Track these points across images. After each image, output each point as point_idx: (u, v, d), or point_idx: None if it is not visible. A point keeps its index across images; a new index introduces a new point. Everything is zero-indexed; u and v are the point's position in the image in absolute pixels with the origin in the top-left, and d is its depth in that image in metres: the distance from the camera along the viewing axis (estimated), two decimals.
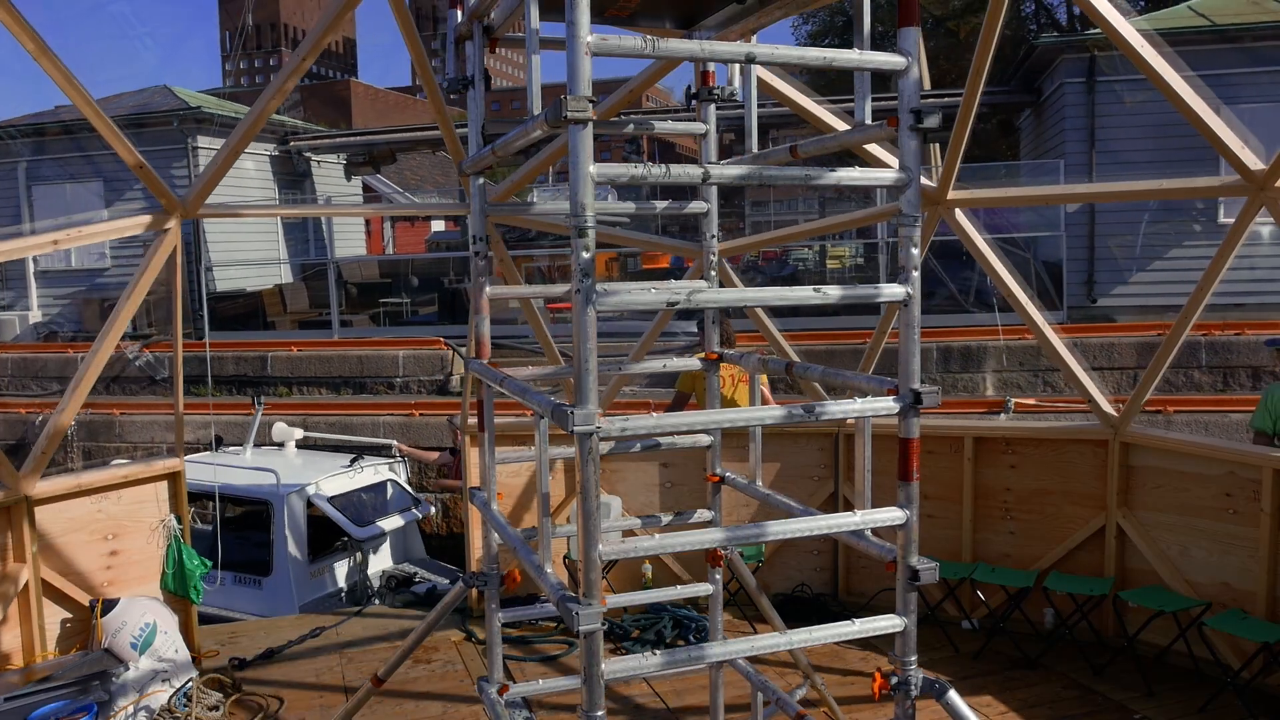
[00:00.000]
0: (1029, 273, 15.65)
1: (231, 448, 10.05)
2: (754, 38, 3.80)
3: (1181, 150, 14.92)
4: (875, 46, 3.02)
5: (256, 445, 9.91)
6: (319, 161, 23.37)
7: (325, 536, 8.80)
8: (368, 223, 28.04)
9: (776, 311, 7.49)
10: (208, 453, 9.73)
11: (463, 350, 15.58)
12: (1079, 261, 16.30)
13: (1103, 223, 16.17)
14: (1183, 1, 17.63)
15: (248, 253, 20.76)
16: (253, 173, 21.23)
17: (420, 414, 13.70)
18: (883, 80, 3.14)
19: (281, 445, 9.88)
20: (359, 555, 8.65)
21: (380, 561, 8.98)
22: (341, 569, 8.65)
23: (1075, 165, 16.17)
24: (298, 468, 9.16)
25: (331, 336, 17.41)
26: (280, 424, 10.15)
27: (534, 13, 3.04)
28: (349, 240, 24.63)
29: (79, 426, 14.49)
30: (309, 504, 8.50)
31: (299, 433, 10.04)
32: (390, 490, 9.47)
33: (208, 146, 20.06)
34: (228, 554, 8.44)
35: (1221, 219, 15.77)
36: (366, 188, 25.83)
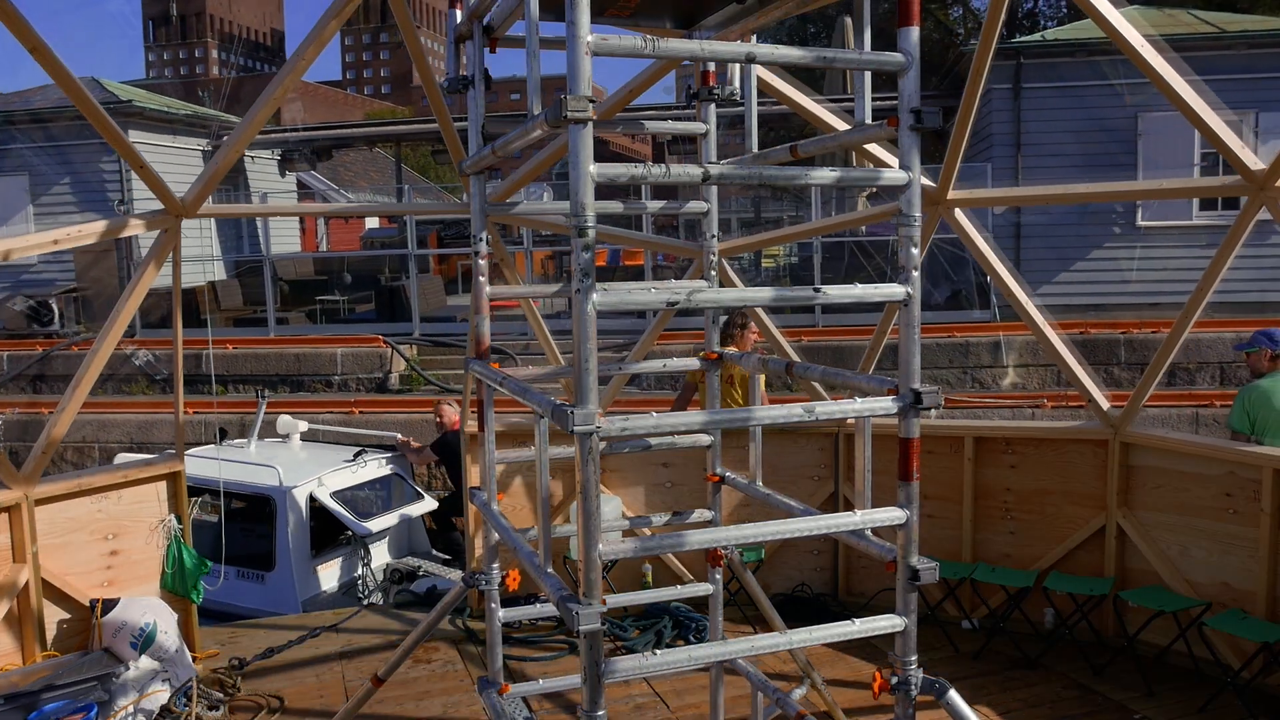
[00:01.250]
0: (967, 274, 16.49)
1: (237, 441, 10.03)
2: (753, 37, 3.81)
3: (1102, 154, 15.65)
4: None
5: (261, 439, 9.89)
6: (253, 157, 22.97)
7: (329, 531, 8.80)
8: (301, 219, 27.64)
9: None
10: (212, 446, 9.71)
11: (402, 349, 15.63)
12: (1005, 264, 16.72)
13: (1027, 224, 16.53)
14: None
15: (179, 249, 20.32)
16: (187, 170, 20.44)
17: (359, 412, 13.60)
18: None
19: (286, 438, 9.87)
20: (363, 550, 8.64)
21: (384, 555, 8.97)
22: (345, 564, 8.64)
23: (1002, 168, 16.60)
24: (302, 462, 9.14)
25: (267, 334, 17.17)
26: (285, 417, 10.12)
27: (534, 12, 3.05)
28: (283, 237, 24.10)
29: (6, 426, 14.22)
30: (312, 498, 8.48)
31: (304, 425, 10.02)
32: (394, 484, 9.47)
33: (140, 141, 19.32)
34: (231, 548, 8.44)
35: (1140, 222, 16.33)
36: (301, 184, 25.54)
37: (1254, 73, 15.68)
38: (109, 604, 5.68)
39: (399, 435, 10.25)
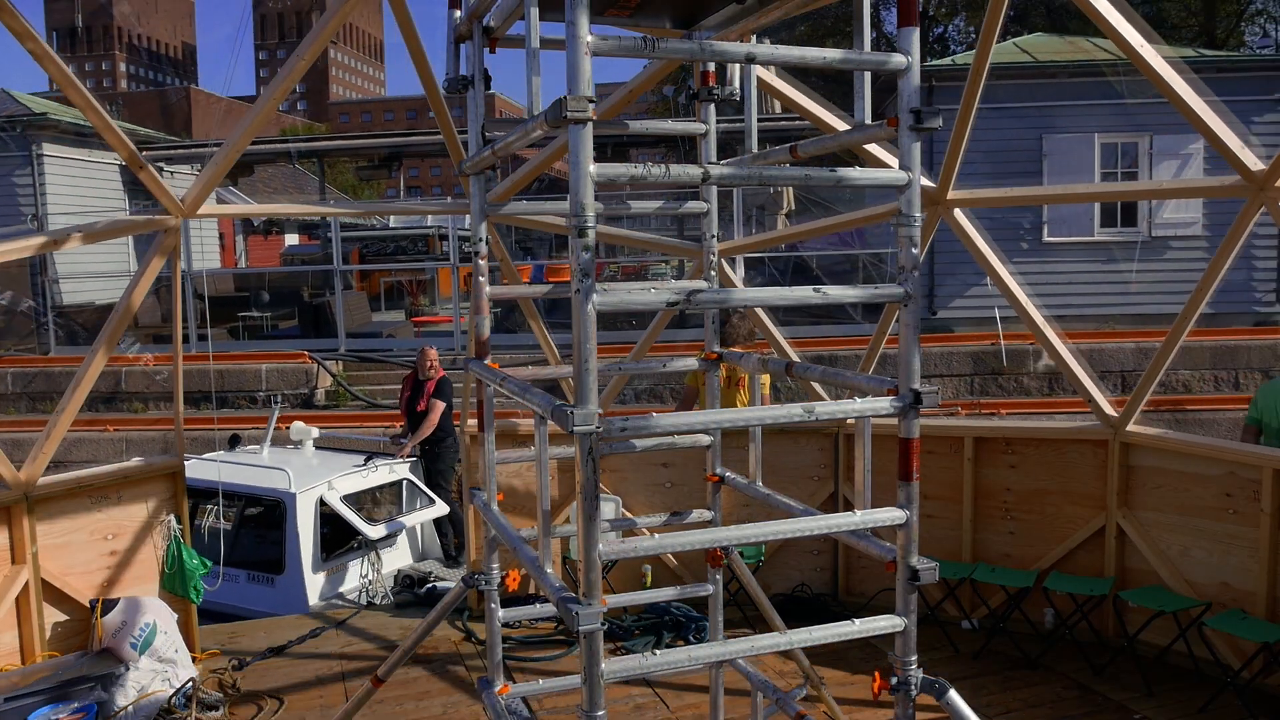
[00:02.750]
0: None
1: (250, 447, 10.07)
2: (753, 38, 3.80)
3: (1010, 172, 16.29)
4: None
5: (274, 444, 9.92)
6: (171, 172, 22.43)
7: (340, 535, 8.82)
8: (221, 235, 27.48)
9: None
10: (223, 451, 9.77)
11: (328, 364, 15.63)
12: (921, 276, 16.98)
13: (940, 237, 16.91)
14: (1008, 39, 19.44)
15: (95, 264, 19.52)
16: (101, 183, 20.29)
17: (285, 427, 13.44)
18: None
19: (299, 444, 9.90)
20: (373, 554, 8.65)
21: (395, 560, 8.99)
22: (355, 568, 8.66)
23: None
24: (313, 467, 9.16)
25: (189, 350, 16.72)
26: (298, 423, 10.16)
27: (534, 12, 3.05)
28: (202, 253, 23.64)
29: None
30: (322, 502, 8.51)
31: (316, 431, 10.05)
32: (405, 489, 9.48)
33: (55, 154, 19.09)
34: (242, 552, 8.48)
35: (1046, 238, 17.03)
36: (220, 200, 25.45)
37: (1150, 98, 16.53)
38: (109, 604, 5.68)
39: (396, 440, 10.25)
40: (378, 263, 25.31)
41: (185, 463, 6.29)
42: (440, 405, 9.70)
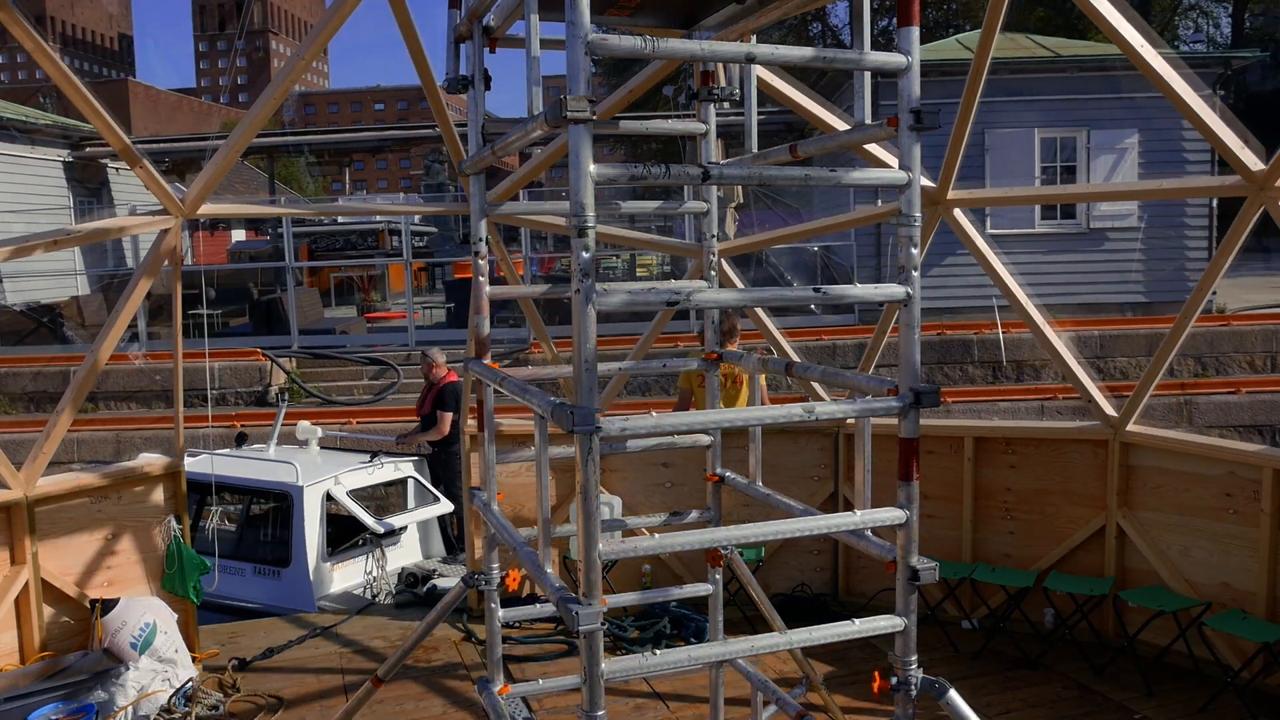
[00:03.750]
0: (830, 279, 17.26)
1: (256, 445, 10.10)
2: (753, 38, 3.81)
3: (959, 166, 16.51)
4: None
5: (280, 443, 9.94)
6: (117, 169, 22.40)
7: (345, 531, 8.86)
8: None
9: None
10: (230, 449, 9.80)
11: (282, 361, 15.59)
12: (868, 269, 17.62)
13: (889, 230, 17.39)
14: (951, 35, 20.28)
15: (40, 262, 19.19)
16: (43, 179, 20.21)
17: (240, 425, 13.27)
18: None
19: (305, 443, 9.93)
20: (378, 550, 8.68)
21: (400, 557, 9.02)
22: (360, 564, 8.68)
23: None
24: (319, 464, 9.20)
25: (139, 349, 16.58)
26: (304, 423, 10.19)
27: (534, 18, 3.04)
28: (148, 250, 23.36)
29: None
30: (329, 498, 8.54)
31: (320, 430, 10.08)
32: (411, 486, 9.50)
33: None
34: (248, 545, 8.50)
35: (989, 230, 17.20)
36: None
37: (1086, 94, 16.90)
38: (109, 604, 5.68)
39: (402, 438, 10.24)
40: (328, 258, 24.98)
41: (192, 458, 6.29)
42: (448, 417, 9.63)
